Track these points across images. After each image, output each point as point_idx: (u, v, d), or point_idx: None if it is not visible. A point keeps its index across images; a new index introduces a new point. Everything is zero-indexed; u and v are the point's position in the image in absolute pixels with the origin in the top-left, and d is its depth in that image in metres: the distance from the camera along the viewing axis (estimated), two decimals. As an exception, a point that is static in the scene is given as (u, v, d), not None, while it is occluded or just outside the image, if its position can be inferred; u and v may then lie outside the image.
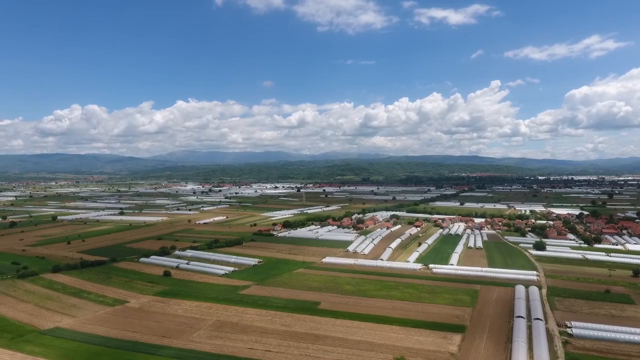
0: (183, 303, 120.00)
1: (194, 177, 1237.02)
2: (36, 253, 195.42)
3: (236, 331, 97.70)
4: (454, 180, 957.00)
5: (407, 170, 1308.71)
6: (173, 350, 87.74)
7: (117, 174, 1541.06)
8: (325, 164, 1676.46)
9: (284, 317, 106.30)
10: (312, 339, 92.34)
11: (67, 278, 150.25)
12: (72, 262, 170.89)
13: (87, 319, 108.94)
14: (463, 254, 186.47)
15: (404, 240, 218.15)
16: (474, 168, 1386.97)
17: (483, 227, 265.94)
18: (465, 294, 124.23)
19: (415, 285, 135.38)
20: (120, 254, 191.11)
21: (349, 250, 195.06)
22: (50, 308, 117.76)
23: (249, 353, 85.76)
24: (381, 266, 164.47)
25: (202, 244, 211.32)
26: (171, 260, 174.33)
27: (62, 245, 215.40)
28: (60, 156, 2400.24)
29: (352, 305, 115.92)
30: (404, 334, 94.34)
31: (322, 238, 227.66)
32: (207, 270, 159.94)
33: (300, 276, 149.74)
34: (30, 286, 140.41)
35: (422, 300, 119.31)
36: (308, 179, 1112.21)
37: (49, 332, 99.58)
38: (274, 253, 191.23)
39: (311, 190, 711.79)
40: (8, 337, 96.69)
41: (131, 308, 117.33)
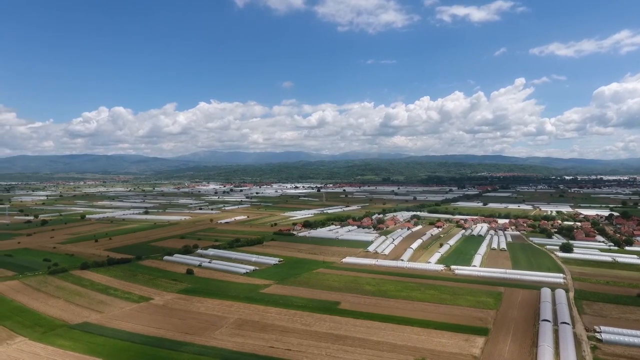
0: (205, 301, 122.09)
1: (215, 177, 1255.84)
2: (66, 250, 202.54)
3: (257, 329, 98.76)
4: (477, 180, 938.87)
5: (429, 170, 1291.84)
6: (196, 347, 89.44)
7: (142, 174, 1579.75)
8: (345, 164, 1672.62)
9: (304, 317, 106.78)
10: (332, 338, 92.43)
11: (95, 275, 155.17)
12: (100, 259, 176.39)
13: (114, 314, 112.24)
14: (486, 255, 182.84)
15: (425, 241, 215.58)
16: (497, 168, 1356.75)
17: (507, 228, 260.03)
18: (488, 296, 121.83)
19: (436, 286, 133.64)
20: (145, 252, 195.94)
21: (369, 250, 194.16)
22: (79, 304, 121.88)
23: (270, 351, 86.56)
24: (402, 267, 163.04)
25: (224, 243, 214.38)
26: (194, 259, 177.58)
27: (90, 243, 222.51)
28: (88, 157, 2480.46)
29: (372, 305, 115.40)
30: (426, 335, 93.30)
31: (342, 238, 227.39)
32: (228, 269, 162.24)
33: (320, 276, 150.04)
34: (60, 282, 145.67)
35: (443, 302, 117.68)
36: (328, 179, 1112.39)
37: (78, 327, 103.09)
38: (294, 253, 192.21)
39: (331, 190, 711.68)
40: (40, 331, 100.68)
41: (155, 305, 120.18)
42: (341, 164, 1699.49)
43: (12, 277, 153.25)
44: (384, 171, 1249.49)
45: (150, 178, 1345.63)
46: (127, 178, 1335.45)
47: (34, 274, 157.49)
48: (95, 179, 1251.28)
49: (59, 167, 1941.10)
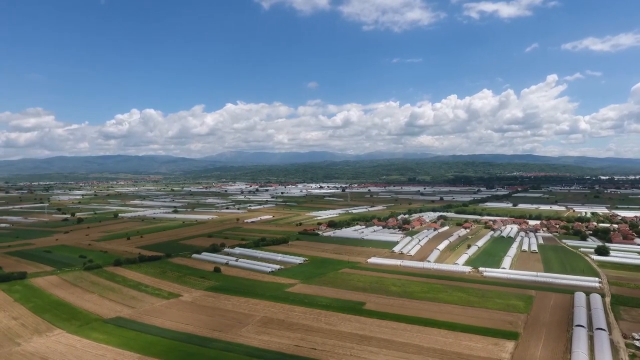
0: (232, 298, 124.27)
1: (241, 177, 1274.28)
2: (100, 247, 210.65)
3: (282, 328, 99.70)
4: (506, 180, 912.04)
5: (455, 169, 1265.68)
6: (223, 344, 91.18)
7: (171, 174, 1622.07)
8: (370, 163, 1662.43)
9: (329, 316, 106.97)
10: (357, 339, 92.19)
11: (127, 271, 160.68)
12: (131, 256, 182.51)
13: (145, 310, 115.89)
14: (516, 257, 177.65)
15: (452, 242, 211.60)
16: (528, 167, 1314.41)
17: (538, 229, 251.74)
18: (518, 300, 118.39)
19: (464, 288, 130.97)
20: (174, 250, 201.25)
21: (395, 251, 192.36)
22: (112, 299, 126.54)
23: (295, 350, 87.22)
24: (428, 268, 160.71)
25: (250, 242, 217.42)
26: (221, 257, 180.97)
27: (122, 241, 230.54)
28: (121, 157, 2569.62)
29: (398, 306, 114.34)
30: (453, 338, 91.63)
31: (367, 238, 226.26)
32: (254, 267, 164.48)
33: (345, 276, 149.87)
34: (94, 278, 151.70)
35: (471, 305, 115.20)
36: (353, 178, 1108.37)
37: (111, 321, 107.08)
38: (319, 252, 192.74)
39: (356, 190, 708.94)
40: (76, 324, 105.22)
41: (184, 302, 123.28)
42: (366, 163, 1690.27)
43: (50, 272, 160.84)
44: (409, 171, 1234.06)
45: (179, 178, 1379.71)
46: (157, 178, 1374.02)
47: (70, 269, 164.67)
48: (127, 179, 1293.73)
49: (94, 168, 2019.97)
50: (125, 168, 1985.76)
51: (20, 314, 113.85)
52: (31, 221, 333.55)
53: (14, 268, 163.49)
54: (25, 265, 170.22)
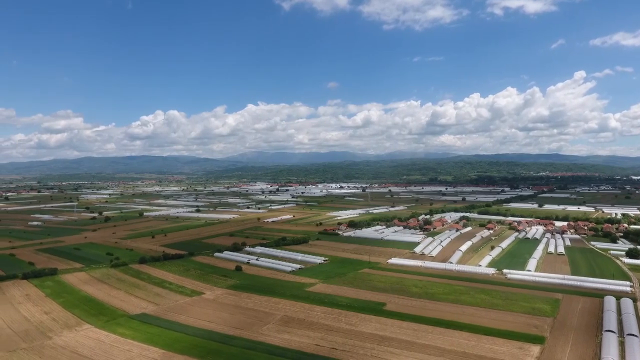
0: (253, 297, 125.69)
1: (262, 177, 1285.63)
2: (126, 245, 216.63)
3: (303, 327, 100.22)
4: (531, 180, 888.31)
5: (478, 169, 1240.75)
6: (244, 341, 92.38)
7: (194, 174, 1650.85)
8: (391, 163, 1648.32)
9: (349, 316, 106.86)
10: (378, 339, 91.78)
11: (152, 269, 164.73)
12: (156, 254, 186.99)
13: (169, 307, 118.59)
14: (542, 259, 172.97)
15: (475, 243, 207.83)
16: (554, 167, 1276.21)
17: (565, 231, 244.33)
18: (544, 303, 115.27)
19: (487, 290, 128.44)
20: (197, 248, 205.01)
21: (416, 251, 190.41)
22: (137, 295, 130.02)
23: (315, 349, 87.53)
24: (450, 269, 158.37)
25: (271, 241, 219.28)
26: (242, 256, 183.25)
27: (147, 239, 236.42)
28: (145, 158, 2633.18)
29: (419, 308, 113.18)
30: (475, 341, 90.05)
31: (387, 238, 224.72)
32: (275, 266, 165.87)
33: (365, 276, 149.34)
34: (121, 275, 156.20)
35: (495, 307, 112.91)
36: (373, 178, 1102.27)
37: (137, 317, 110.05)
38: (339, 252, 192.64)
39: (376, 190, 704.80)
40: (104, 320, 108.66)
41: (207, 299, 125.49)
42: (387, 163, 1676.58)
43: (79, 269, 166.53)
44: (431, 171, 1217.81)
45: (201, 178, 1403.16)
46: (181, 178, 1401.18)
47: (98, 266, 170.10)
48: (151, 179, 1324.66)
49: (120, 168, 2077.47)
50: (150, 168, 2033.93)
51: (52, 309, 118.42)
52: (61, 219, 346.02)
53: (46, 264, 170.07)
54: (56, 262, 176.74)
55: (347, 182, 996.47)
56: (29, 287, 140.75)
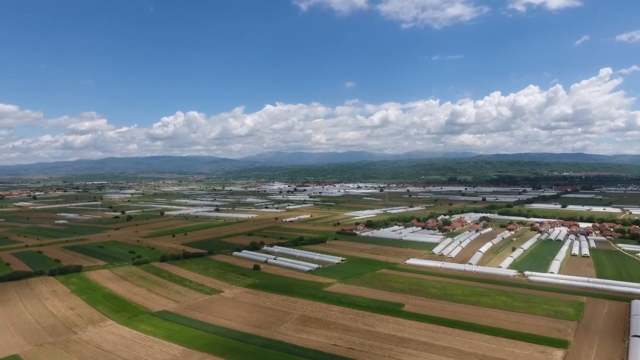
0: (271, 296, 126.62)
1: (280, 177, 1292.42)
2: (147, 244, 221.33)
3: (320, 326, 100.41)
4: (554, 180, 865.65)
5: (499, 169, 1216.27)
6: (262, 340, 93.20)
7: (213, 174, 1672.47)
8: (409, 163, 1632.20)
9: (367, 317, 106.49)
10: (396, 340, 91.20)
11: (172, 267, 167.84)
12: (176, 253, 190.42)
13: (189, 304, 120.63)
14: (565, 261, 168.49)
15: (495, 244, 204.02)
16: (578, 167, 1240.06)
17: (590, 232, 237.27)
18: (568, 306, 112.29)
19: (508, 292, 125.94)
20: (216, 247, 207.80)
21: (435, 252, 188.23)
22: (158, 293, 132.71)
23: (333, 349, 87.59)
24: (470, 270, 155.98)
25: (288, 240, 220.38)
26: (260, 255, 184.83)
27: (168, 238, 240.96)
28: (166, 158, 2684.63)
29: (438, 309, 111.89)
30: (496, 344, 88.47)
31: (405, 239, 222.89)
32: (292, 266, 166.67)
33: (383, 276, 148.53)
34: (142, 273, 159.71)
35: (516, 310, 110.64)
36: (391, 178, 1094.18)
37: (158, 315, 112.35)
38: (357, 252, 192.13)
39: (394, 190, 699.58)
40: (126, 316, 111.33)
41: (225, 297, 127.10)
42: (405, 163, 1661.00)
43: (103, 266, 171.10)
44: (450, 171, 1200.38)
45: (220, 178, 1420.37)
46: (200, 178, 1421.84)
47: (121, 264, 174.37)
48: (172, 179, 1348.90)
49: (142, 168, 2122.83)
50: (171, 168, 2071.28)
51: (77, 305, 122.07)
52: (86, 218, 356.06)
53: (71, 262, 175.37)
54: (81, 260, 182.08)
55: (364, 182, 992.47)
56: (56, 284, 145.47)
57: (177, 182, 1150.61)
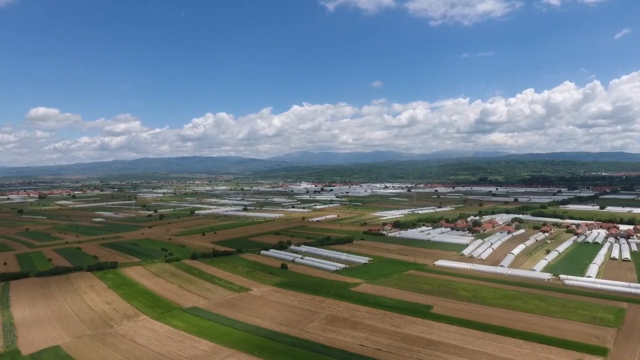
0: (298, 295, 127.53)
1: (307, 177, 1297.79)
2: (179, 242, 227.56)
3: (347, 326, 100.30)
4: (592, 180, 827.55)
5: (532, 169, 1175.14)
6: (290, 338, 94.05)
7: (241, 174, 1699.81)
8: (438, 163, 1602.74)
9: (395, 318, 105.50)
10: (424, 343, 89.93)
11: (202, 265, 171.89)
12: (206, 251, 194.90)
13: (218, 301, 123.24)
14: (604, 265, 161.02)
15: (528, 247, 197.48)
16: (618, 166, 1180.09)
17: (631, 235, 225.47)
18: (607, 312, 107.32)
19: (542, 296, 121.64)
20: (244, 246, 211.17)
21: (464, 254, 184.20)
22: (189, 290, 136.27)
23: (360, 349, 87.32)
24: (501, 273, 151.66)
25: (315, 240, 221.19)
26: (287, 255, 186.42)
27: (198, 236, 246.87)
28: (196, 159, 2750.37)
29: (468, 312, 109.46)
30: (529, 349, 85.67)
31: (434, 240, 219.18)
32: (319, 265, 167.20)
33: (411, 278, 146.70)
34: (174, 270, 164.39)
35: (551, 314, 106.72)
36: (419, 178, 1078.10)
37: (189, 311, 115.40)
38: (384, 253, 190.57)
39: (422, 190, 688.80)
40: (159, 312, 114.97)
41: (253, 295, 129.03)
42: (433, 163, 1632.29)
43: (137, 263, 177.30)
44: (480, 170, 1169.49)
45: (248, 178, 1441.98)
46: (229, 178, 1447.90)
47: (153, 261, 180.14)
48: (202, 179, 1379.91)
49: (173, 168, 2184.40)
50: (201, 168, 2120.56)
51: (113, 300, 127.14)
52: (121, 216, 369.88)
53: (107, 258, 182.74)
54: (116, 256, 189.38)
55: (391, 182, 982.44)
56: (93, 279, 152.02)
57: (206, 182, 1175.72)
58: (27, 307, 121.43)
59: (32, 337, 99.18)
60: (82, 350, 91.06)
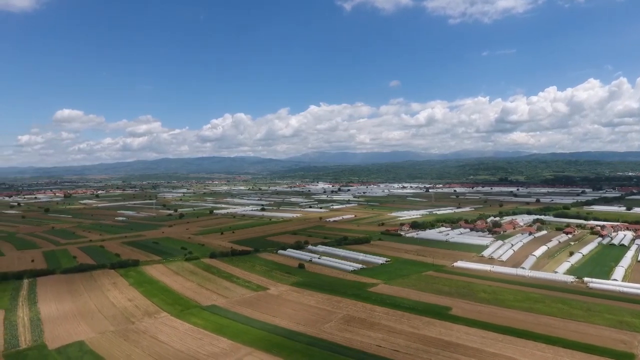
0: (316, 294, 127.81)
1: (324, 177, 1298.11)
2: (198, 241, 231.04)
3: (364, 327, 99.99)
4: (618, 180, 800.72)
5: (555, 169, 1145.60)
6: (307, 338, 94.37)
7: (259, 174, 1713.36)
8: (456, 163, 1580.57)
9: (412, 319, 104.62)
10: (442, 345, 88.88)
11: (221, 263, 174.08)
12: (225, 250, 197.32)
13: (236, 300, 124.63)
14: (630, 268, 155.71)
15: (550, 248, 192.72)
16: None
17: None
18: (634, 317, 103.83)
19: (565, 299, 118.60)
20: (262, 245, 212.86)
21: (484, 255, 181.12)
22: (208, 288, 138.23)
23: (377, 350, 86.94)
24: (523, 275, 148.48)
25: (332, 240, 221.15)
26: (305, 254, 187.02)
27: (216, 235, 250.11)
28: (215, 159, 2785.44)
29: (487, 314, 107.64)
30: (552, 354, 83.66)
31: (452, 241, 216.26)
32: (336, 265, 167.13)
33: (429, 279, 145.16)
34: (193, 268, 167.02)
35: (574, 318, 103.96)
36: (437, 178, 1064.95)
37: (208, 309, 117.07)
38: (402, 253, 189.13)
39: (440, 190, 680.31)
40: (179, 309, 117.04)
41: (271, 294, 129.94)
42: (452, 163, 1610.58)
43: (158, 261, 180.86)
44: (500, 170, 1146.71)
45: (266, 178, 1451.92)
46: (247, 178, 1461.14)
47: (174, 259, 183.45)
48: (220, 179, 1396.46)
49: (192, 168, 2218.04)
50: (219, 168, 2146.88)
51: (134, 297, 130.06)
52: (142, 215, 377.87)
53: (129, 256, 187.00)
54: (138, 254, 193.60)
55: (409, 182, 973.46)
56: (116, 276, 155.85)
57: (225, 182, 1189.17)
58: (53, 303, 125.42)
59: (58, 332, 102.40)
60: (105, 345, 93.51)
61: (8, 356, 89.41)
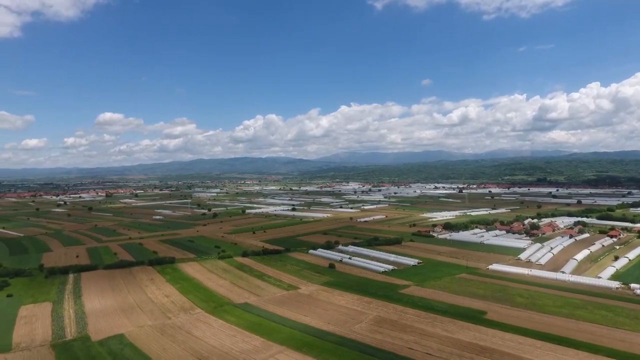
0: (346, 295, 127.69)
1: (354, 177, 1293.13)
2: (230, 240, 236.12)
3: (396, 329, 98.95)
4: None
5: (597, 169, 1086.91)
6: (337, 338, 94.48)
7: (290, 175, 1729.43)
8: (491, 163, 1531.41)
9: (445, 322, 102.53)
10: (477, 349, 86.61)
11: (253, 262, 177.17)
12: (256, 249, 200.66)
13: (268, 298, 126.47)
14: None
15: (593, 252, 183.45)
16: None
17: None
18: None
19: (609, 306, 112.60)
20: (293, 245, 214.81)
21: (521, 258, 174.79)
22: (240, 286, 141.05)
23: (409, 353, 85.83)
24: (563, 279, 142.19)
25: (363, 240, 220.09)
26: (335, 254, 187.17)
27: (248, 235, 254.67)
28: (247, 159, 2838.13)
29: (524, 319, 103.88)
30: (594, 362, 79.72)
31: (487, 243, 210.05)
32: (367, 266, 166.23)
33: (463, 282, 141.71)
34: (226, 266, 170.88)
35: (619, 326, 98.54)
36: (471, 179, 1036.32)
37: (240, 306, 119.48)
38: (434, 255, 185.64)
39: (474, 191, 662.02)
40: (212, 306, 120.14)
41: (302, 294, 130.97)
42: (486, 163, 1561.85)
43: (192, 259, 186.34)
44: (538, 170, 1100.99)
45: (296, 178, 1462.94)
46: (278, 178, 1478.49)
47: (208, 257, 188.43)
48: (252, 179, 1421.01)
49: (225, 168, 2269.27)
50: (251, 169, 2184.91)
51: (171, 293, 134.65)
52: (178, 214, 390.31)
53: (166, 254, 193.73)
54: (174, 252, 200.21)
55: (442, 182, 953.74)
56: (153, 273, 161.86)
57: (257, 182, 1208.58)
58: (95, 296, 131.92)
59: (100, 324, 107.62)
60: (143, 339, 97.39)
61: (56, 346, 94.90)
